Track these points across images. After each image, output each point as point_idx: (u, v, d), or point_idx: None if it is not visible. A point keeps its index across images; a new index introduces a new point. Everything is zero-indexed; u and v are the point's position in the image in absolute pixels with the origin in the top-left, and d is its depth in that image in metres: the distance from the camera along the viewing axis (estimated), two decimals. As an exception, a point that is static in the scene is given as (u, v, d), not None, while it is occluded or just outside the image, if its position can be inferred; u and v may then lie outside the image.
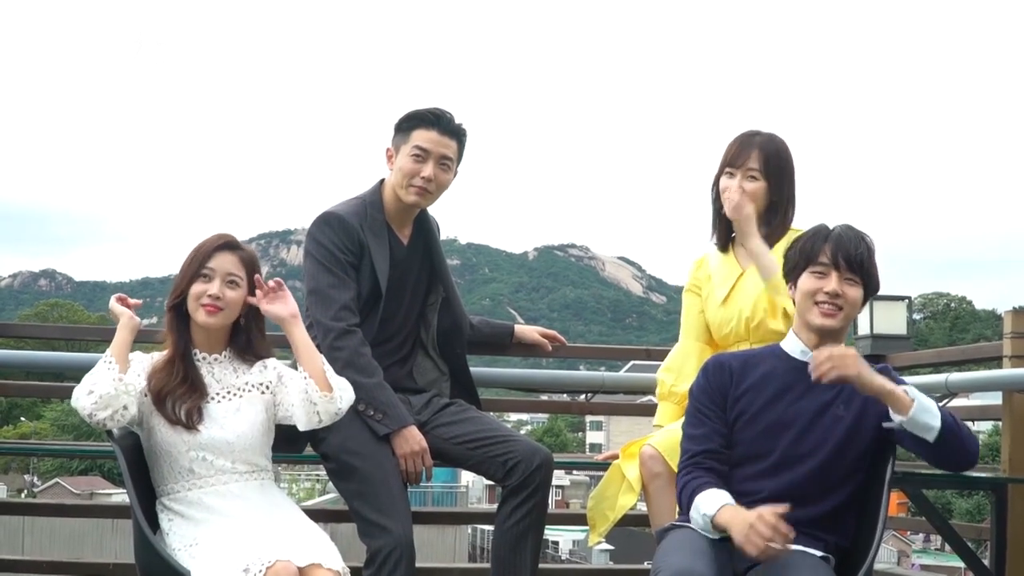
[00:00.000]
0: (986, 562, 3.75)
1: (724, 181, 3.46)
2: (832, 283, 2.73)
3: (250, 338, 3.02)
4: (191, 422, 2.83)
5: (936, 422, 2.64)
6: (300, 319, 2.99)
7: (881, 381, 2.65)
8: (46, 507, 7.03)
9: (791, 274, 2.83)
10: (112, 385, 2.74)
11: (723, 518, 2.59)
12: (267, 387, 2.98)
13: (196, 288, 2.90)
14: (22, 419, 50.33)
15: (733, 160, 3.45)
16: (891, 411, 2.68)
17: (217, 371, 2.96)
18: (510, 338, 4.02)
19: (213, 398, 2.92)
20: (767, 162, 3.42)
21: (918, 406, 2.64)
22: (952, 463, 2.74)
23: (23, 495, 38.66)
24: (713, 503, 2.64)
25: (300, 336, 2.95)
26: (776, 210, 3.45)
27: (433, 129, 3.37)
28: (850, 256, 2.74)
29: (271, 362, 3.03)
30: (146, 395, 2.86)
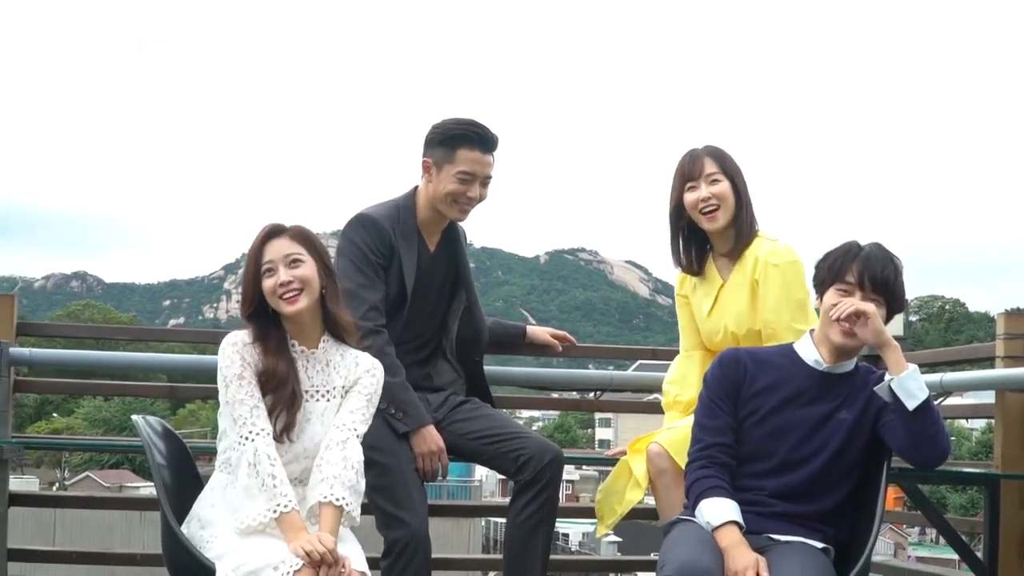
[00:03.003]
0: (979, 554, 3.83)
1: (689, 197, 3.43)
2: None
3: (338, 318, 2.87)
4: (284, 436, 2.72)
5: (922, 395, 2.75)
6: None
7: (888, 337, 2.77)
8: (76, 499, 7.24)
9: (819, 288, 2.90)
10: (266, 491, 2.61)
11: (723, 540, 2.67)
12: (346, 391, 2.87)
13: (267, 284, 2.76)
14: (54, 415, 50.40)
15: (690, 173, 3.42)
16: (887, 373, 2.78)
17: (311, 367, 2.84)
18: (522, 339, 4.09)
19: (307, 400, 2.81)
20: (722, 163, 3.43)
21: (912, 371, 2.76)
22: (924, 447, 2.78)
23: (54, 488, 38.67)
24: (717, 514, 2.72)
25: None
26: (741, 211, 3.42)
27: (477, 149, 3.39)
28: (875, 277, 2.80)
29: (364, 361, 2.91)
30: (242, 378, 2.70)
